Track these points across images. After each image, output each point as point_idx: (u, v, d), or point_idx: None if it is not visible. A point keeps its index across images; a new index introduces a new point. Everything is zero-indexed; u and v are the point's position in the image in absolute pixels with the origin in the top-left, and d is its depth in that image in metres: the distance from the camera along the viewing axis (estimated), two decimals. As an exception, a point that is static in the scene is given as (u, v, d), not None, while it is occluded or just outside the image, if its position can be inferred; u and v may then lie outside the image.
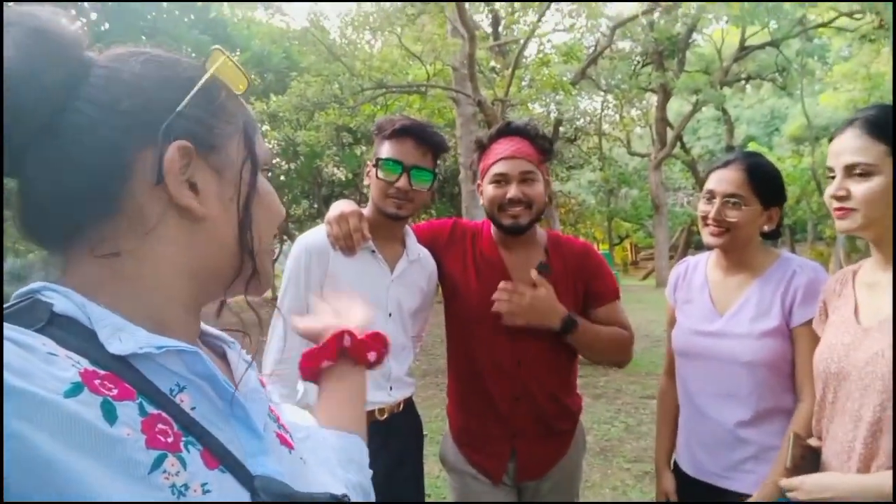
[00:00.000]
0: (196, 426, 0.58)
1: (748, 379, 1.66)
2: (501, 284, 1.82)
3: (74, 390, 0.49)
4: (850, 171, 1.30)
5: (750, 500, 1.60)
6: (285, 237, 0.76)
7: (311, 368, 0.95)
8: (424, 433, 2.09)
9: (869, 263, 1.41)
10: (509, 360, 1.88)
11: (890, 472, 1.19)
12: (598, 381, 6.49)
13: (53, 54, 0.56)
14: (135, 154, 0.59)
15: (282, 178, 16.16)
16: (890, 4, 13.41)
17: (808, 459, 1.40)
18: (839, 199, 1.31)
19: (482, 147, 1.94)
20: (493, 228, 1.96)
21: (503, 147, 1.87)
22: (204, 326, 0.75)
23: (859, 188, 1.28)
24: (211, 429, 0.59)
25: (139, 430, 0.52)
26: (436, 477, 3.84)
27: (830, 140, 1.39)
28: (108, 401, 0.51)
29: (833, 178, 1.35)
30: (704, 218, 1.73)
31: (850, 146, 1.30)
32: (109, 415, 0.50)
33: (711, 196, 1.71)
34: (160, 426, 0.54)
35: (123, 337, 0.56)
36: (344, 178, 16.52)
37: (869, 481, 1.23)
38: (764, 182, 1.68)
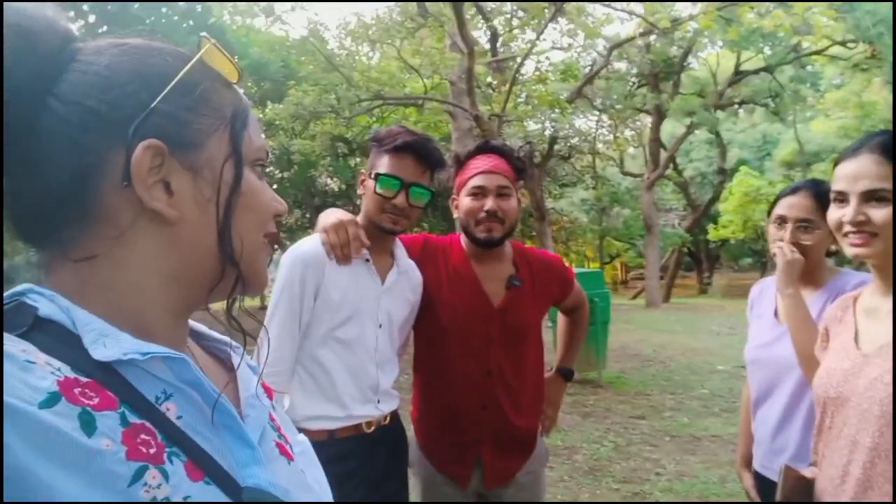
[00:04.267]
0: (181, 436, 0.55)
1: (801, 383, 1.76)
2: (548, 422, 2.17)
3: (50, 401, 0.47)
4: (869, 196, 1.28)
5: None
6: (276, 247, 0.72)
7: None
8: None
9: (869, 290, 1.41)
10: (479, 370, 1.93)
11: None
12: (586, 400, 6.45)
13: (30, 50, 0.54)
14: (103, 154, 0.56)
15: (275, 186, 16.09)
16: (882, 35, 13.62)
17: (800, 490, 1.38)
18: (858, 224, 1.29)
19: (459, 162, 1.99)
20: (464, 242, 2.01)
21: (481, 162, 1.93)
22: (205, 330, 0.72)
23: (879, 214, 1.26)
24: (197, 439, 0.57)
25: (119, 442, 0.50)
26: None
27: (836, 164, 1.37)
28: (86, 411, 0.49)
29: (841, 201, 1.33)
30: (777, 241, 1.85)
31: (870, 171, 1.28)
32: (87, 426, 0.49)
33: (783, 221, 1.84)
34: (142, 437, 0.52)
35: (108, 342, 0.54)
36: (337, 189, 16.50)
37: None
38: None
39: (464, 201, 1.92)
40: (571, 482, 4.28)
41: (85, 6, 8.96)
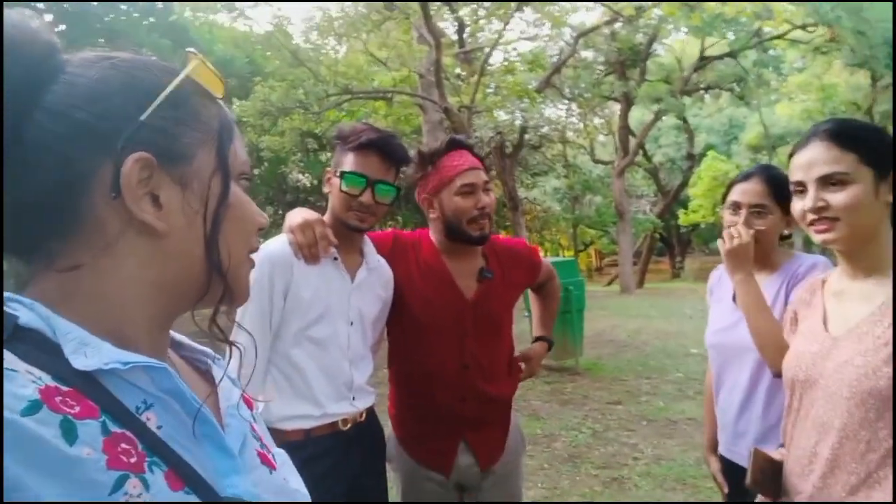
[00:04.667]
0: (162, 446, 0.55)
1: (761, 365, 1.80)
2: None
3: (32, 408, 0.47)
4: (825, 182, 1.29)
5: None
6: None
7: None
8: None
9: (837, 273, 1.42)
10: (455, 363, 1.93)
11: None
12: (564, 388, 6.51)
13: (14, 61, 0.53)
14: (91, 166, 0.56)
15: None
16: (840, 18, 13.90)
17: (769, 473, 1.40)
18: (818, 211, 1.30)
19: (425, 160, 1.95)
20: (436, 238, 2.01)
21: (459, 160, 1.92)
22: (186, 341, 0.72)
23: (837, 197, 1.28)
24: (178, 448, 0.57)
25: (100, 450, 0.50)
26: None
27: (790, 156, 1.39)
28: (68, 419, 0.49)
29: (801, 191, 1.34)
30: (731, 227, 1.86)
31: (820, 157, 1.30)
32: (69, 434, 0.49)
33: (737, 207, 1.86)
34: (123, 446, 0.52)
35: (89, 352, 0.54)
36: (309, 185, 16.35)
37: None
38: (784, 191, 1.82)
39: (453, 200, 1.89)
40: (551, 469, 4.31)
41: (41, 4, 8.71)
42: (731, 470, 1.97)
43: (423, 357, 1.95)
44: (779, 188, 1.82)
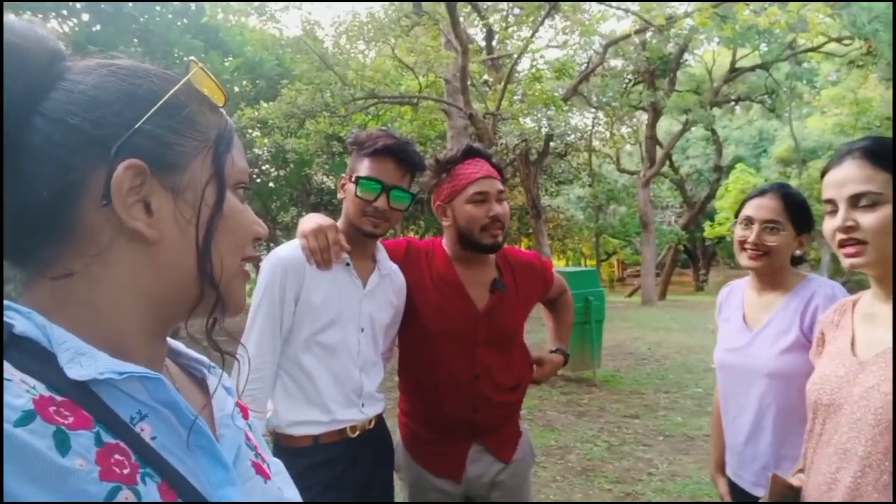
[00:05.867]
0: (155, 457, 0.55)
1: (770, 391, 1.79)
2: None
3: (25, 419, 0.47)
4: (856, 201, 1.26)
5: None
6: (272, 245, 0.72)
7: None
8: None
9: (868, 295, 1.38)
10: (467, 373, 1.92)
11: None
12: (581, 399, 6.45)
13: (19, 68, 0.54)
14: (85, 173, 0.56)
15: (271, 184, 16.08)
16: (878, 32, 13.62)
17: (787, 498, 1.38)
18: (847, 230, 1.27)
19: (441, 168, 1.95)
20: (447, 247, 2.01)
21: (474, 168, 1.91)
22: (183, 349, 0.72)
23: (868, 219, 1.24)
24: (171, 459, 0.57)
25: (93, 462, 0.50)
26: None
27: (823, 173, 1.36)
28: (61, 430, 0.49)
29: (833, 212, 1.31)
30: (742, 242, 1.87)
31: (854, 176, 1.27)
32: (62, 445, 0.49)
33: (750, 222, 1.85)
34: (116, 457, 0.52)
35: (84, 361, 0.54)
36: (332, 187, 16.46)
37: None
38: (798, 210, 1.84)
39: (465, 209, 1.89)
40: (564, 482, 4.27)
41: (78, 4, 8.90)
42: (736, 493, 1.94)
43: (433, 365, 1.95)
44: (794, 206, 1.82)
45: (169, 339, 0.69)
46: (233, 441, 0.67)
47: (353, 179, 1.78)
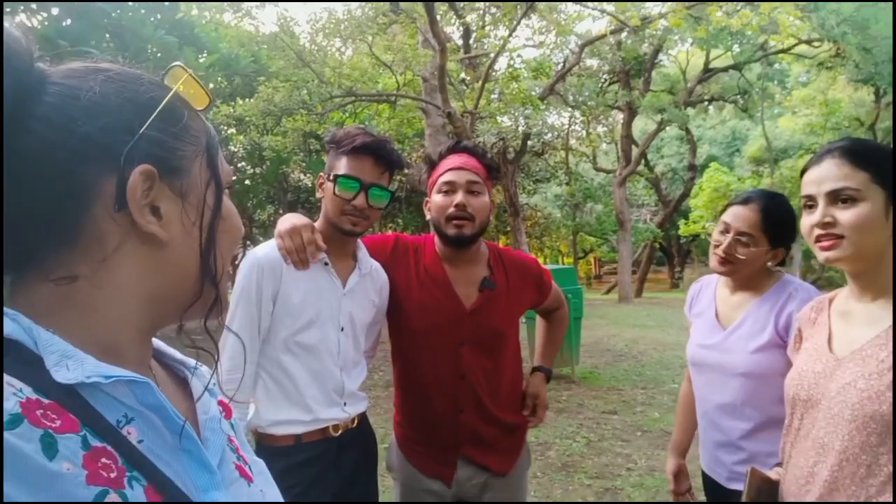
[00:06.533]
0: (142, 460, 0.56)
1: (743, 389, 1.81)
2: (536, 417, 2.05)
3: (13, 422, 0.47)
4: (834, 197, 1.28)
5: None
6: (249, 242, 0.73)
7: None
8: (385, 446, 2.06)
9: (844, 293, 1.40)
10: (452, 373, 1.90)
11: None
12: (560, 396, 6.50)
13: (7, 69, 0.53)
14: (95, 178, 0.57)
15: (247, 182, 15.91)
16: (846, 34, 13.92)
17: (765, 492, 1.40)
18: (825, 226, 1.29)
19: (432, 164, 1.96)
20: (437, 243, 1.97)
21: (451, 161, 1.92)
22: (167, 349, 0.72)
23: (845, 214, 1.26)
24: (158, 463, 0.57)
25: (80, 465, 0.50)
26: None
27: (803, 172, 1.38)
28: (48, 433, 0.49)
29: (810, 206, 1.33)
30: (716, 246, 1.86)
31: (832, 173, 1.29)
32: (49, 448, 0.49)
33: (726, 229, 1.85)
34: (103, 460, 0.52)
35: (71, 365, 0.54)
36: (310, 185, 16.34)
37: None
38: (776, 226, 1.82)
39: (434, 199, 1.89)
40: (544, 478, 4.30)
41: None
42: (709, 486, 1.97)
43: (419, 364, 1.93)
44: (773, 221, 1.81)
45: (154, 339, 0.69)
46: (217, 444, 0.67)
47: (331, 178, 1.76)
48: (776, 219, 1.82)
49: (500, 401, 1.96)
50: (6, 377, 0.50)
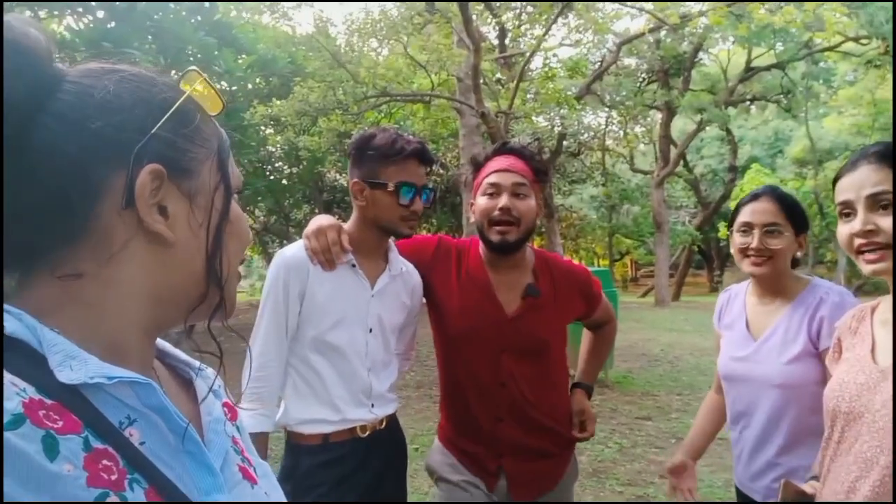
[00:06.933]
0: (144, 462, 0.56)
1: (780, 401, 1.76)
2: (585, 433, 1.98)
3: (15, 422, 0.47)
4: (874, 202, 1.24)
5: None
6: (285, 241, 0.74)
7: None
8: (415, 447, 2.04)
9: (888, 301, 1.34)
10: (492, 380, 1.86)
11: None
12: (592, 401, 6.35)
13: (19, 67, 0.54)
14: (104, 175, 0.58)
15: (283, 182, 16.14)
16: (897, 30, 13.44)
17: None
18: (867, 234, 1.24)
19: (478, 165, 1.92)
20: (481, 247, 1.93)
21: (497, 162, 1.88)
22: (171, 350, 0.73)
23: (888, 221, 1.21)
24: (160, 465, 0.57)
25: (81, 467, 0.50)
26: (424, 493, 3.75)
27: (835, 180, 1.33)
28: (50, 434, 0.49)
29: (848, 214, 1.28)
30: (744, 250, 1.82)
31: (870, 178, 1.24)
32: (50, 450, 0.49)
33: (749, 228, 1.82)
34: (104, 462, 0.52)
35: (74, 365, 0.54)
36: (345, 184, 16.49)
37: None
38: (794, 211, 1.83)
39: (479, 201, 1.85)
40: (575, 484, 4.23)
41: (93, 3, 8.98)
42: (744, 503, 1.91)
43: (460, 370, 1.91)
44: (790, 208, 1.80)
45: (157, 339, 0.70)
46: (221, 446, 0.67)
47: (390, 186, 1.75)
48: (792, 204, 1.83)
49: (544, 411, 1.90)
50: (10, 376, 0.50)
